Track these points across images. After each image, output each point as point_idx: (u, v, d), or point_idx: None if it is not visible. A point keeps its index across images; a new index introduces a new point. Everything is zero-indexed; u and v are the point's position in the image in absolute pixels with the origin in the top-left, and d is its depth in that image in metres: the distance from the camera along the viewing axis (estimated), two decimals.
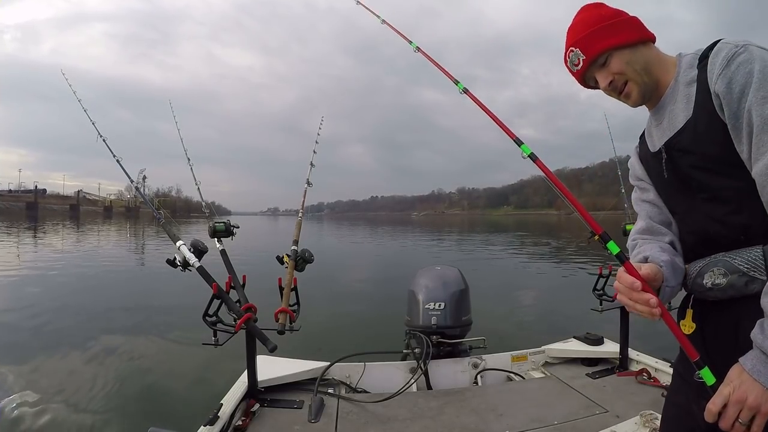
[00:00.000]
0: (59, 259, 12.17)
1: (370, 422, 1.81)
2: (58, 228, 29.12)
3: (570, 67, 0.97)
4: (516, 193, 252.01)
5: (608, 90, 0.93)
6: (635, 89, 0.90)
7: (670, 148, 0.88)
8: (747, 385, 0.69)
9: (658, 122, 0.93)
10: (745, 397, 0.68)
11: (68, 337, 4.71)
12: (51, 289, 7.66)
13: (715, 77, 0.77)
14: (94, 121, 2.27)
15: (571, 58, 0.95)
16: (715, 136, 0.79)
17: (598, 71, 0.93)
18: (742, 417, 0.69)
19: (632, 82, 0.90)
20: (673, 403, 0.96)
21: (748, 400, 0.68)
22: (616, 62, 0.89)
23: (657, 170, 0.94)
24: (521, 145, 0.93)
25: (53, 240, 19.19)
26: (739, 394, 0.69)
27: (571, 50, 0.95)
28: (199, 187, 2.41)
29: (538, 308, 6.54)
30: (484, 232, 32.64)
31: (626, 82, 0.90)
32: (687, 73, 0.85)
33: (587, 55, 0.92)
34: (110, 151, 2.19)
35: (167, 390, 3.44)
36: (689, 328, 0.89)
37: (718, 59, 0.78)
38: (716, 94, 0.76)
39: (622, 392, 2.03)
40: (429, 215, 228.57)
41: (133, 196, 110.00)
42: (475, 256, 13.86)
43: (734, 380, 0.71)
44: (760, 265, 0.75)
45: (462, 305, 2.41)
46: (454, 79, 1.14)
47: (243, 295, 1.84)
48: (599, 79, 0.93)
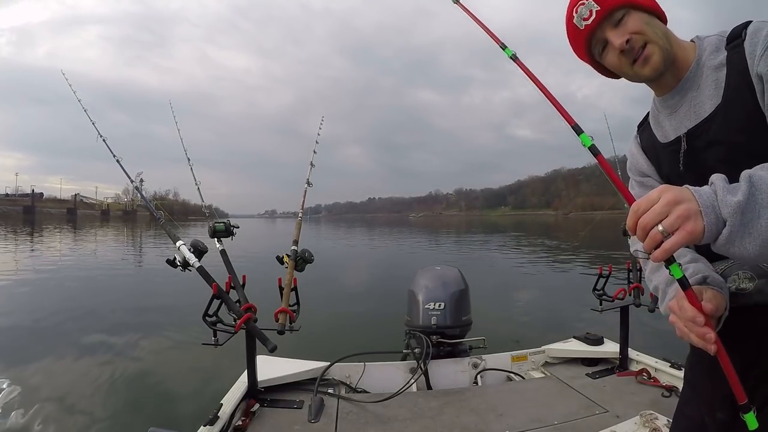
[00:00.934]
0: (58, 262, 12.19)
1: (370, 422, 1.81)
2: (55, 232, 29.10)
3: (576, 24, 0.82)
4: (513, 194, 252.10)
5: (621, 53, 0.78)
6: (657, 53, 0.77)
7: (693, 138, 0.78)
8: (685, 195, 0.59)
9: (673, 110, 0.82)
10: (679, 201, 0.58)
11: (68, 339, 4.71)
12: (50, 291, 7.67)
13: (757, 57, 0.68)
14: (94, 121, 2.27)
15: (580, 12, 0.80)
16: (747, 125, 0.70)
17: (611, 30, 0.79)
18: (666, 224, 0.57)
19: (653, 44, 0.77)
20: (685, 416, 0.89)
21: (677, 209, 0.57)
22: (634, 20, 0.77)
23: (670, 162, 0.84)
24: (581, 135, 0.78)
25: (51, 244, 19.17)
26: (671, 197, 0.58)
27: (581, 3, 0.80)
28: (199, 188, 2.40)
29: (538, 308, 6.54)
30: (481, 232, 32.67)
31: (645, 44, 0.77)
32: (714, 57, 0.76)
33: (602, 6, 0.78)
34: (110, 152, 2.19)
35: (167, 390, 3.44)
36: None
37: (759, 38, 0.69)
38: (759, 76, 0.67)
39: (622, 392, 2.03)
40: (427, 216, 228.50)
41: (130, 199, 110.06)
42: (474, 257, 13.86)
43: (671, 188, 0.60)
44: None
45: (462, 305, 2.41)
46: (501, 43, 0.96)
47: (243, 295, 1.84)
48: (613, 38, 0.78)
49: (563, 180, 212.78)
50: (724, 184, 0.60)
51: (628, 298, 2.32)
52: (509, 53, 0.93)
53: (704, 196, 0.58)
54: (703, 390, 0.83)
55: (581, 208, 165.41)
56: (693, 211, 0.57)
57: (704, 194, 0.59)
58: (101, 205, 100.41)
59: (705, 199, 0.58)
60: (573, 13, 0.82)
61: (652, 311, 2.19)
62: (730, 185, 0.60)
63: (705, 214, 0.57)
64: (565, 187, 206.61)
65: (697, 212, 0.57)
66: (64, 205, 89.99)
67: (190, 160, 2.45)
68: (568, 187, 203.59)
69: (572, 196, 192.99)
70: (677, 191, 0.59)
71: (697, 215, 0.57)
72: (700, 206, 0.58)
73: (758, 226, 0.56)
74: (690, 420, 0.86)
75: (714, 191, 0.59)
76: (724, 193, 0.58)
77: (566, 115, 0.80)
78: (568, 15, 0.84)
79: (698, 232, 0.57)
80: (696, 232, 0.57)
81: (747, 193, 0.57)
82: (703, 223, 0.57)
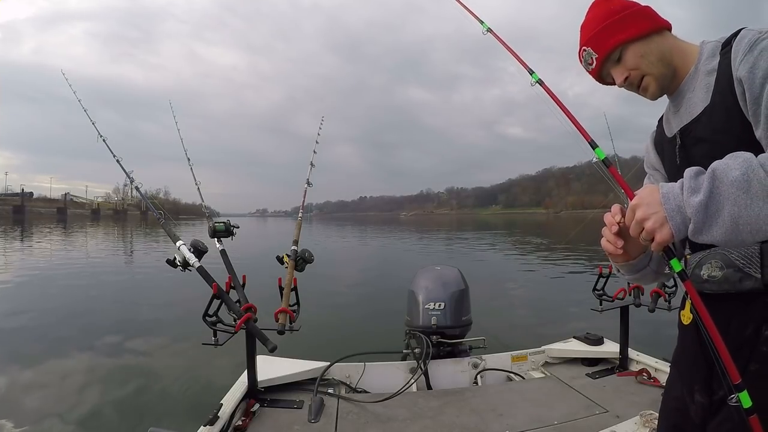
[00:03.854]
0: (52, 262, 12.20)
1: (370, 422, 1.81)
2: (46, 231, 29.04)
3: (585, 67, 0.95)
4: (505, 193, 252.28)
5: (625, 86, 0.91)
6: (652, 83, 0.88)
7: (685, 134, 0.87)
8: (653, 207, 0.70)
9: (676, 109, 0.91)
10: (645, 218, 0.70)
11: (67, 339, 4.71)
12: (46, 292, 7.66)
13: (737, 62, 0.75)
14: (94, 121, 2.27)
15: (584, 58, 0.94)
16: (729, 126, 0.77)
17: (613, 68, 0.91)
18: (641, 235, 0.72)
19: (649, 76, 0.88)
20: (671, 397, 0.96)
21: (647, 224, 0.70)
22: (631, 57, 0.87)
23: (670, 156, 0.93)
24: (595, 149, 0.88)
25: (42, 243, 19.14)
26: (641, 214, 0.71)
27: (584, 50, 0.93)
28: (199, 187, 2.40)
29: (538, 308, 6.54)
30: (473, 230, 32.69)
31: (643, 76, 0.88)
32: (708, 62, 0.83)
33: (600, 53, 0.90)
34: (110, 152, 2.19)
35: (167, 390, 3.44)
36: (687, 318, 0.89)
37: (741, 45, 0.76)
38: (739, 79, 0.74)
39: (622, 392, 2.03)
40: (418, 215, 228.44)
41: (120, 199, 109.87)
42: (472, 256, 13.86)
43: (645, 198, 0.72)
44: (755, 262, 0.75)
45: (462, 305, 2.41)
46: (528, 68, 1.05)
47: (243, 295, 1.83)
48: (615, 76, 0.91)
49: (554, 179, 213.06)
50: (690, 183, 0.69)
51: (628, 298, 2.32)
52: (536, 78, 1.01)
53: (671, 200, 0.69)
54: (683, 374, 0.91)
55: (572, 206, 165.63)
56: (659, 223, 0.69)
57: (672, 197, 0.69)
58: (91, 204, 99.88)
59: (672, 203, 0.69)
60: (581, 56, 0.95)
61: (652, 311, 2.19)
62: (697, 181, 0.68)
63: (671, 219, 0.68)
64: (556, 186, 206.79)
65: (663, 221, 0.69)
66: (54, 205, 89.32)
67: (190, 160, 2.45)
68: (559, 185, 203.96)
69: (563, 195, 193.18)
70: (645, 206, 0.71)
71: (664, 224, 0.69)
72: (666, 214, 0.68)
73: (722, 216, 0.65)
74: (676, 401, 0.93)
75: (682, 191, 0.69)
76: (689, 194, 0.68)
77: (584, 133, 0.90)
78: (578, 56, 0.96)
79: (667, 238, 0.69)
80: (666, 239, 0.69)
81: (708, 190, 0.66)
82: (670, 230, 0.69)
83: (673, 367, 0.98)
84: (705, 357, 0.83)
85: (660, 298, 2.20)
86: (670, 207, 0.69)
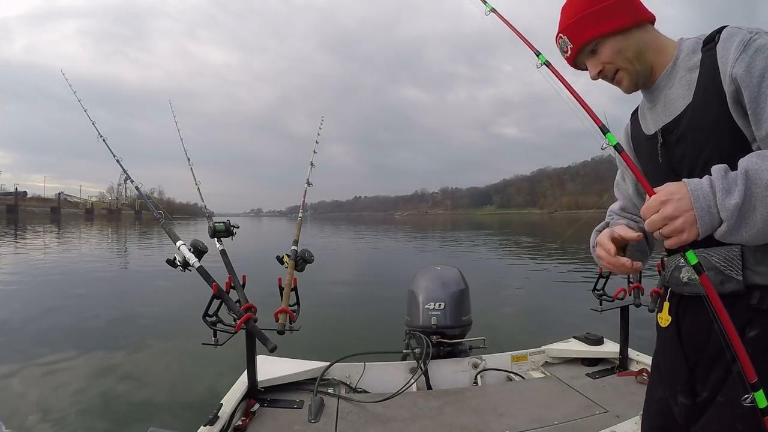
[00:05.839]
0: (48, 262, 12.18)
1: (370, 422, 1.81)
2: (39, 230, 28.94)
3: (561, 53, 0.94)
4: (499, 193, 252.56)
5: (598, 78, 0.91)
6: (626, 78, 0.87)
7: (667, 132, 0.85)
8: (685, 205, 0.66)
9: (652, 104, 0.90)
10: (676, 216, 0.66)
11: (66, 339, 4.71)
12: (44, 292, 7.65)
13: (732, 61, 0.73)
14: (94, 121, 2.27)
15: (560, 45, 0.92)
16: (714, 125, 0.76)
17: (587, 59, 0.90)
18: (664, 231, 0.68)
19: (623, 71, 0.87)
20: (654, 400, 0.96)
21: (677, 222, 0.66)
22: (606, 51, 0.86)
23: (650, 154, 0.91)
24: (607, 134, 0.83)
25: (37, 243, 18.99)
26: (671, 211, 0.66)
27: (560, 36, 0.91)
28: (198, 188, 2.40)
29: (538, 308, 6.54)
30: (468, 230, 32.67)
31: (617, 70, 0.87)
32: (689, 59, 0.82)
33: (574, 44, 0.89)
34: (111, 152, 2.18)
35: (167, 390, 3.44)
36: (665, 321, 0.89)
37: (732, 44, 0.74)
38: (733, 78, 0.72)
39: (622, 392, 2.03)
40: (412, 215, 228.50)
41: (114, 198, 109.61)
42: (471, 257, 13.85)
43: (675, 193, 0.67)
44: (736, 265, 0.74)
45: (462, 305, 2.41)
46: (535, 50, 1.01)
47: (243, 295, 1.83)
48: (589, 68, 0.90)
49: (549, 179, 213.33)
50: (722, 184, 0.65)
51: (628, 298, 2.32)
52: (543, 60, 0.97)
53: (701, 200, 0.65)
54: (665, 376, 0.91)
55: (566, 207, 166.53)
56: (688, 223, 0.66)
57: (701, 197, 0.65)
58: (86, 203, 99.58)
59: (702, 203, 0.65)
60: (557, 41, 0.93)
61: (652, 311, 2.18)
62: (728, 181, 0.65)
63: (700, 219, 0.65)
64: (550, 186, 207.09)
65: (693, 222, 0.65)
66: (48, 204, 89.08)
67: (190, 160, 2.45)
68: (554, 186, 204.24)
69: (557, 195, 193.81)
70: (677, 203, 0.66)
71: (692, 225, 0.65)
72: (697, 215, 0.65)
73: (754, 218, 0.64)
74: (658, 403, 0.92)
75: (712, 191, 0.65)
76: (723, 195, 0.64)
77: (595, 117, 0.85)
78: (555, 39, 0.94)
79: (691, 239, 0.66)
80: (689, 240, 0.66)
81: (744, 192, 0.63)
82: (697, 231, 0.66)
83: (654, 369, 0.98)
84: (686, 359, 0.83)
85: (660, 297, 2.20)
86: (701, 207, 0.65)
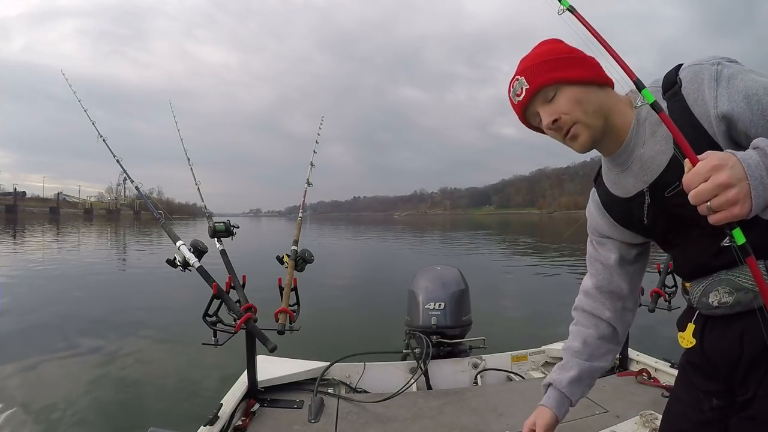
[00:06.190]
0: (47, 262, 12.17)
1: (370, 422, 1.81)
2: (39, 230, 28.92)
3: (512, 99, 0.85)
4: (498, 193, 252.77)
5: (551, 130, 0.81)
6: (585, 133, 0.79)
7: (656, 189, 0.80)
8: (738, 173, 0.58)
9: (622, 168, 0.84)
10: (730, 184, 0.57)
11: (66, 339, 4.72)
12: (43, 292, 7.65)
13: (712, 101, 0.70)
14: (94, 121, 2.27)
15: (514, 88, 0.83)
16: None
17: (542, 106, 0.81)
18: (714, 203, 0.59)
19: (581, 124, 0.78)
20: (680, 401, 0.93)
21: (730, 192, 0.58)
22: (565, 99, 0.78)
23: (635, 216, 0.86)
24: (643, 90, 0.72)
25: (35, 243, 18.98)
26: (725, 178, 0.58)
27: (516, 79, 0.83)
28: (199, 188, 2.40)
29: (538, 308, 6.54)
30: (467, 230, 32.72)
31: (574, 123, 0.78)
32: (651, 110, 0.76)
33: (531, 85, 0.80)
34: (111, 152, 2.18)
35: (167, 390, 3.44)
36: (689, 342, 0.85)
37: (702, 83, 0.71)
38: (722, 116, 0.69)
39: (622, 392, 2.03)
40: (411, 215, 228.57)
41: (113, 198, 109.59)
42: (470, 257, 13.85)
43: (727, 160, 0.59)
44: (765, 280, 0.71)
45: (462, 305, 2.41)
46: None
47: (243, 295, 1.83)
48: (543, 116, 0.80)
49: (548, 179, 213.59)
50: None
51: None
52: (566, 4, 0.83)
53: (754, 170, 0.58)
54: (697, 384, 0.88)
55: (565, 207, 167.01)
56: (743, 195, 0.58)
57: (754, 167, 0.59)
58: (84, 204, 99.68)
59: (756, 174, 0.58)
60: (511, 87, 0.85)
61: (652, 311, 2.18)
62: None
63: (754, 190, 0.58)
64: (549, 186, 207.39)
65: (747, 195, 0.58)
66: (47, 204, 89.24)
67: (191, 160, 2.45)
68: (553, 186, 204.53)
69: (556, 196, 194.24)
70: (731, 170, 0.58)
71: (746, 198, 0.58)
72: (751, 185, 0.58)
73: None
74: (684, 405, 0.90)
75: (764, 162, 0.59)
76: None
77: (629, 70, 0.74)
78: (509, 87, 0.86)
79: (743, 215, 0.59)
80: (741, 215, 0.59)
81: None
82: (750, 206, 0.58)
83: (683, 373, 0.94)
84: (724, 375, 0.80)
85: (660, 298, 2.20)
86: (755, 178, 0.58)
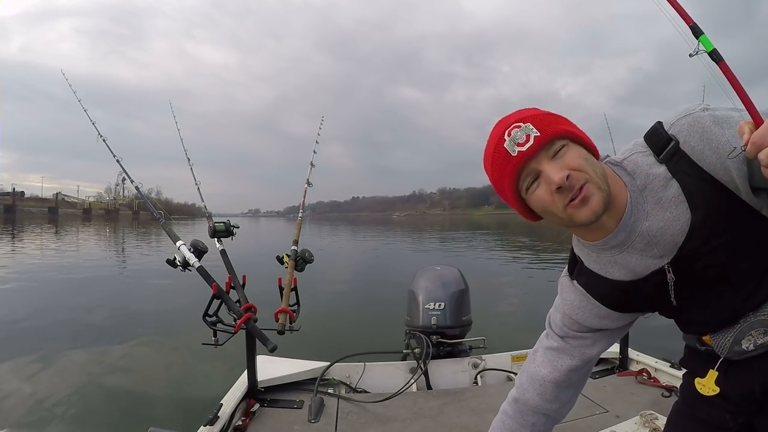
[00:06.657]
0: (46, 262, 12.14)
1: (370, 422, 1.81)
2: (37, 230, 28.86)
3: (507, 149, 0.70)
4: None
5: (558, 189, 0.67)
6: (597, 194, 0.68)
7: (679, 262, 0.72)
8: None
9: (621, 248, 0.75)
10: None
11: (65, 339, 4.71)
12: (42, 292, 7.64)
13: (727, 144, 0.63)
14: (94, 121, 2.27)
15: (513, 136, 0.69)
16: (731, 222, 0.68)
17: (548, 162, 0.69)
18: None
19: (593, 184, 0.67)
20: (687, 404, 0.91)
21: None
22: (574, 155, 0.69)
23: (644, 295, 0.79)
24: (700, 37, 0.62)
25: (34, 243, 18.88)
26: None
27: (516, 126, 0.70)
28: (199, 188, 2.40)
29: (538, 308, 6.53)
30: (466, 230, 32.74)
31: (586, 182, 0.67)
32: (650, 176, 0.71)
33: (543, 133, 0.68)
34: (111, 152, 2.19)
35: (167, 390, 3.44)
36: (711, 390, 0.80)
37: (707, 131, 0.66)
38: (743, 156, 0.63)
39: (622, 392, 2.03)
40: (410, 215, 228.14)
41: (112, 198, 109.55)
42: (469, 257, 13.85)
43: None
44: None
45: (462, 305, 2.41)
46: None
47: (243, 295, 1.83)
48: (550, 171, 0.68)
49: None
50: None
51: None
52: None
53: None
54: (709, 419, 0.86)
55: None
56: None
57: None
58: (83, 204, 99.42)
59: None
60: (504, 137, 0.70)
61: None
62: None
63: None
64: None
65: None
66: (46, 204, 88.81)
67: (190, 160, 2.45)
68: None
69: None
70: None
71: None
72: None
73: None
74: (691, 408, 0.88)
75: None
76: None
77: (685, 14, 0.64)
78: (495, 138, 0.73)
79: None
80: None
81: None
82: None
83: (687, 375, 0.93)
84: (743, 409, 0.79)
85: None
86: None
